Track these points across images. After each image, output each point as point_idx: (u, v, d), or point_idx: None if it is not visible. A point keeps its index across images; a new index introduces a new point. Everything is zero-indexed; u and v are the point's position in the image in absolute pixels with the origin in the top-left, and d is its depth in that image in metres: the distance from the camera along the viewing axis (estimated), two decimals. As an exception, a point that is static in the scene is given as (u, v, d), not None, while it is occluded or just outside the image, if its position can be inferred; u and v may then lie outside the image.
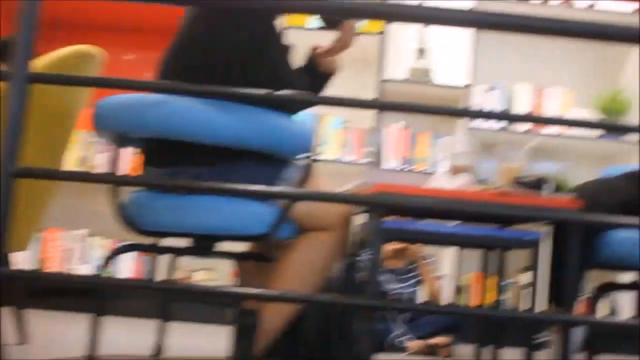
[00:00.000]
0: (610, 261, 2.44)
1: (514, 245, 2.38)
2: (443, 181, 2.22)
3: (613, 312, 4.48)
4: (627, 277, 4.01)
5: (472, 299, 4.41)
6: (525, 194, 2.11)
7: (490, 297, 3.03)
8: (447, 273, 4.39)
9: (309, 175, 2.19)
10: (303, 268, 2.25)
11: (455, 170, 2.36)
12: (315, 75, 2.49)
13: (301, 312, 2.60)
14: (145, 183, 2.15)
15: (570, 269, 2.16)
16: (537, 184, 2.15)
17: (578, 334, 2.48)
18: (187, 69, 2.18)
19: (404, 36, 4.69)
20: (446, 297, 4.24)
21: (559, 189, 2.18)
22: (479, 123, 4.41)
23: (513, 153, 2.54)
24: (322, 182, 2.32)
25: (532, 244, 2.27)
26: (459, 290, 4.42)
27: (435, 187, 2.12)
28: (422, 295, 3.93)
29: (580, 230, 2.16)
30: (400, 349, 3.51)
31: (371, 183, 2.12)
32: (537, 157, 4.68)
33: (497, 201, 2.05)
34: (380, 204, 1.94)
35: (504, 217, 2.28)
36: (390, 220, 2.15)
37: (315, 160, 2.23)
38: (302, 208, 2.17)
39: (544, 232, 2.32)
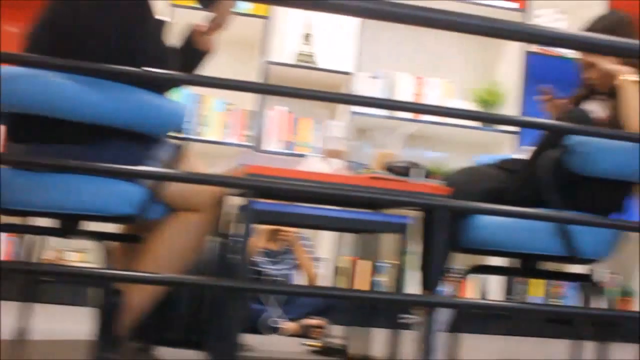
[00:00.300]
0: (478, 245, 2.52)
1: (385, 229, 2.42)
2: (317, 165, 2.23)
3: (483, 294, 4.66)
4: (497, 260, 4.17)
5: (350, 282, 4.47)
6: (395, 179, 2.15)
7: (367, 280, 3.09)
8: (326, 255, 4.43)
9: (181, 155, 2.16)
10: (172, 249, 2.21)
11: (330, 155, 2.38)
12: (191, 54, 2.45)
13: (171, 293, 2.57)
14: (7, 160, 2.05)
15: (436, 252, 2.22)
16: (407, 170, 2.19)
17: (445, 315, 2.55)
18: (54, 43, 2.10)
19: (290, 20, 4.68)
20: (325, 279, 4.28)
21: (429, 175, 2.23)
22: (361, 109, 4.47)
23: (389, 139, 2.59)
24: (195, 162, 2.29)
25: (402, 228, 2.31)
26: (337, 272, 4.47)
27: (308, 171, 2.13)
28: (298, 278, 3.96)
29: (448, 215, 2.22)
30: (274, 330, 3.53)
31: (245, 165, 2.11)
32: (416, 143, 4.80)
33: (366, 185, 2.08)
34: (249, 186, 1.93)
35: (373, 201, 2.32)
36: (263, 202, 2.14)
37: (187, 140, 2.20)
38: (172, 188, 2.14)
39: (414, 217, 2.37)
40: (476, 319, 4.37)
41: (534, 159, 2.47)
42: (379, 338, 2.61)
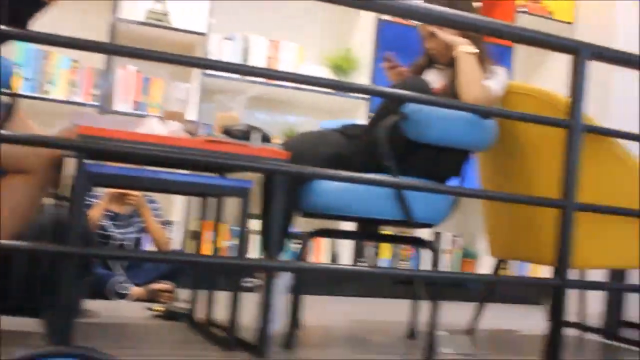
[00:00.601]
0: (319, 210, 2.56)
1: (228, 193, 2.41)
2: (154, 127, 2.18)
3: (334, 257, 4.76)
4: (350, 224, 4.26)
5: (203, 245, 4.44)
6: (231, 143, 2.13)
7: (218, 243, 3.08)
8: (177, 219, 4.38)
9: (11, 115, 2.04)
10: (1, 213, 2.11)
11: (168, 116, 2.33)
12: (25, 4, 2.31)
13: (3, 258, 2.45)
14: None
15: (275, 217, 2.23)
16: (246, 133, 2.18)
17: (287, 279, 2.58)
18: None
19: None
20: (177, 243, 4.24)
21: (267, 139, 2.23)
22: (214, 70, 4.40)
23: (234, 101, 2.56)
24: (28, 122, 2.19)
25: (245, 192, 2.31)
26: (192, 236, 4.44)
27: (141, 133, 2.07)
28: (147, 242, 3.89)
29: (286, 180, 2.24)
30: (122, 295, 3.46)
31: (77, 125, 2.03)
32: (271, 107, 4.81)
33: (202, 148, 2.05)
34: (73, 147, 1.86)
35: (207, 164, 2.30)
36: (98, 165, 2.08)
37: (19, 97, 2.09)
38: (-1, 149, 2.03)
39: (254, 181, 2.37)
40: (322, 281, 4.47)
41: (372, 125, 2.53)
42: (224, 301, 2.61)
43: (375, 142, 2.45)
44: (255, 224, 4.42)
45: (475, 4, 5.01)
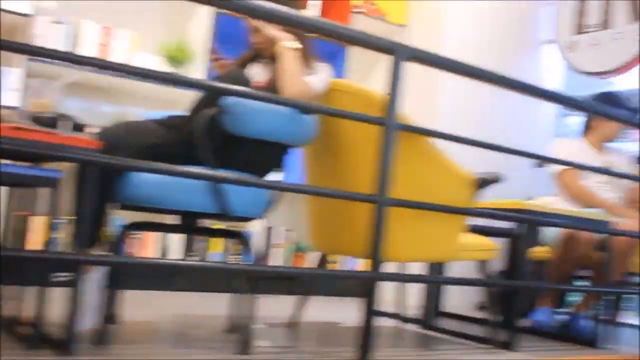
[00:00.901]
0: (135, 202, 2.50)
1: (37, 183, 2.30)
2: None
3: (164, 251, 4.67)
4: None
5: (21, 238, 4.23)
6: (40, 131, 2.04)
7: (44, 236, 2.94)
8: (-3, 210, 4.15)
9: None
10: None
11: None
12: None
13: None
14: None
15: (86, 208, 2.15)
16: (55, 121, 2.09)
17: (101, 273, 2.50)
18: None
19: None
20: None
21: (79, 127, 2.15)
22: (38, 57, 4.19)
23: (48, 87, 2.46)
24: None
25: (53, 183, 2.22)
26: (8, 229, 4.21)
27: None
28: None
29: (97, 170, 2.17)
30: None
31: None
32: (97, 95, 4.64)
33: (5, 136, 1.94)
34: None
35: (10, 153, 2.19)
36: None
37: None
38: None
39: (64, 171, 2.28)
40: (150, 275, 4.37)
41: (191, 116, 2.50)
42: (29, 294, 2.50)
43: (193, 133, 2.42)
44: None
45: (312, 2, 5.11)
